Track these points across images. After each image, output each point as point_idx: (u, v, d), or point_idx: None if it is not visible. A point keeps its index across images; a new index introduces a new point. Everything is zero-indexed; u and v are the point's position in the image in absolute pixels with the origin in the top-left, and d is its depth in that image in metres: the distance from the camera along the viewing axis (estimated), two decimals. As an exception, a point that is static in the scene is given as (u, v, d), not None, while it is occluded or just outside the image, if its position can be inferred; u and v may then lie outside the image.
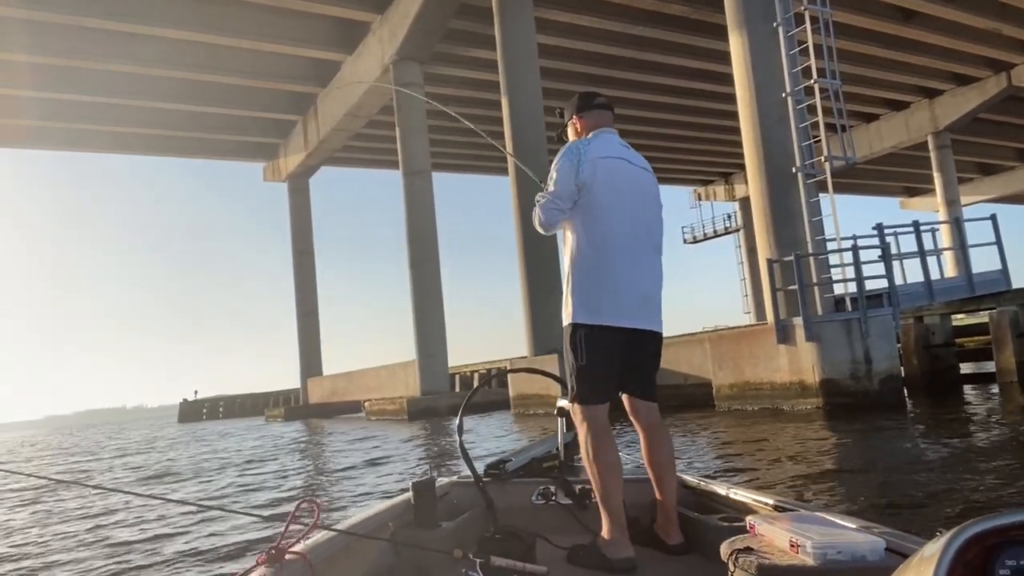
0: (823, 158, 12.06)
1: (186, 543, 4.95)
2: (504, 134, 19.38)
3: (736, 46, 13.15)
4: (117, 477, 10.92)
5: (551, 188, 2.40)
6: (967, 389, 12.99)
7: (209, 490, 7.97)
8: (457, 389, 29.85)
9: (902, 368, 12.20)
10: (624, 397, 2.46)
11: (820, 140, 12.12)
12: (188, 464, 12.07)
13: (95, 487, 4.51)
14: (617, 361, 2.36)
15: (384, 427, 18.64)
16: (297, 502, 1.72)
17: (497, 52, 19.72)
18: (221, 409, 50.85)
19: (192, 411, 51.08)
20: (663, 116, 31.72)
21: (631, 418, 2.47)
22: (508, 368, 19.30)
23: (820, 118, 12.07)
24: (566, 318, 2.40)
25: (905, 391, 11.60)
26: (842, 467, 6.51)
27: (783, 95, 12.24)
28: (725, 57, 14.61)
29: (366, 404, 25.31)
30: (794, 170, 12.17)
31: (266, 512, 5.96)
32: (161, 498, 6.73)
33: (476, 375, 30.35)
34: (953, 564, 0.66)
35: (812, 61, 12.03)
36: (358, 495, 6.84)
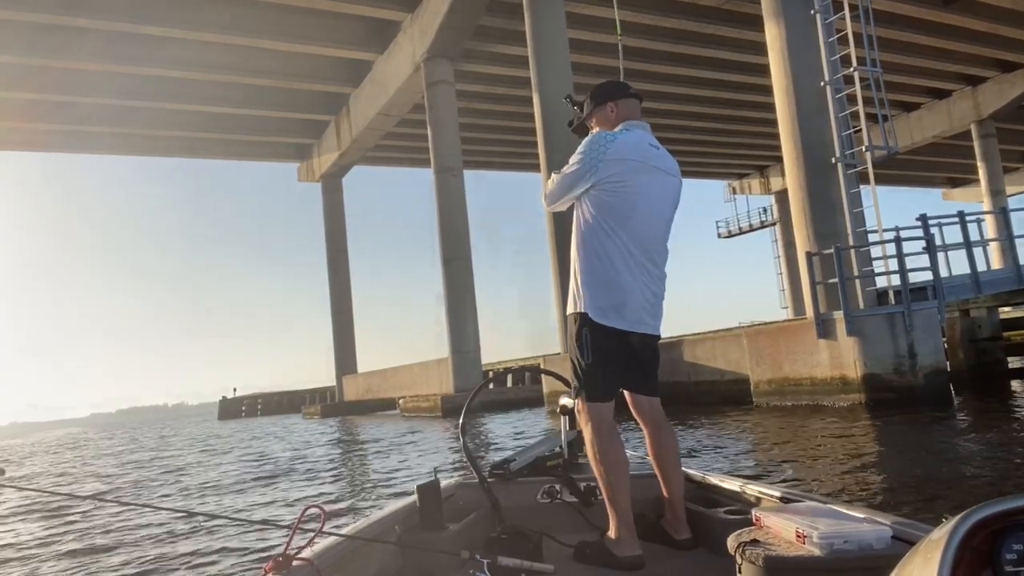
0: (863, 148, 11.74)
1: (192, 552, 4.90)
2: (536, 130, 19.29)
3: (772, 35, 12.89)
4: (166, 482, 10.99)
5: (567, 171, 2.39)
6: (1015, 384, 12.60)
7: (220, 492, 7.91)
8: (491, 386, 29.81)
9: (947, 363, 11.87)
10: (627, 394, 2.45)
11: (860, 130, 11.81)
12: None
13: (97, 499, 4.25)
14: (622, 360, 2.37)
15: (421, 424, 18.67)
16: (303, 508, 1.77)
17: (528, 48, 19.60)
18: (259, 407, 51.40)
19: (231, 409, 51.69)
20: (697, 109, 31.33)
21: (634, 414, 2.47)
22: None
23: (860, 107, 11.73)
24: (571, 307, 2.39)
25: (951, 386, 11.26)
26: (886, 465, 6.32)
27: (821, 84, 11.95)
28: (760, 48, 14.36)
29: (400, 401, 25.42)
30: (833, 160, 11.88)
31: (273, 518, 5.96)
32: (167, 508, 6.70)
33: (510, 372, 30.24)
34: (960, 549, 0.66)
35: (851, 49, 11.71)
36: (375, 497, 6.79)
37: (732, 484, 2.44)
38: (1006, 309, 14.38)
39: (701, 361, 14.58)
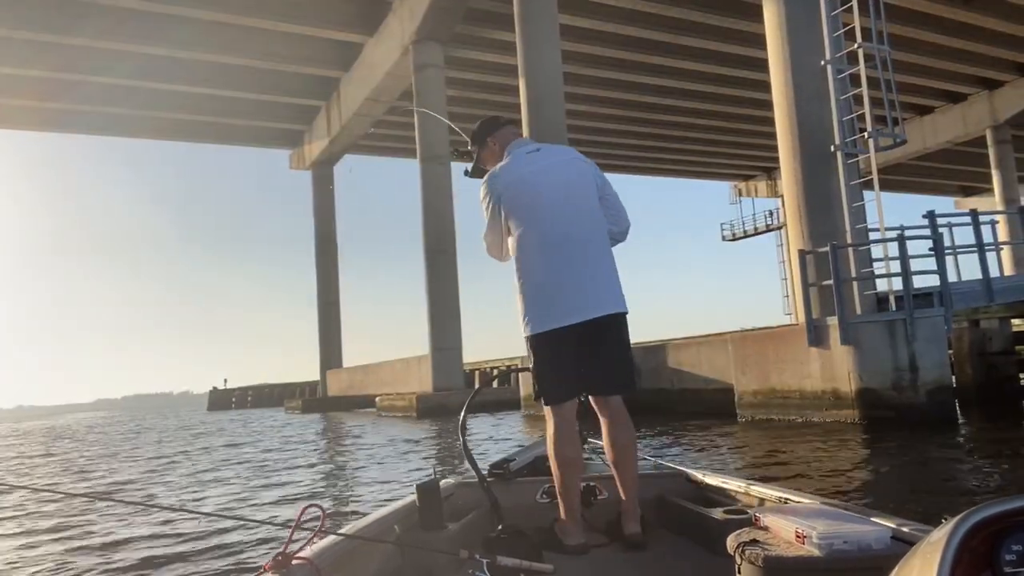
0: (866, 134, 10.54)
1: (190, 551, 4.82)
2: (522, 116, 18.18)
3: (770, 10, 11.73)
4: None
5: (486, 225, 2.58)
6: (1028, 404, 11.44)
7: (219, 491, 7.75)
8: (476, 386, 28.81)
9: (953, 378, 10.69)
10: (591, 398, 2.50)
11: (864, 114, 10.60)
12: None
13: (91, 496, 3.99)
14: (574, 359, 2.40)
15: (384, 426, 17.67)
16: (302, 507, 1.70)
17: (516, 32, 18.48)
18: (250, 398, 51.33)
19: (222, 400, 51.78)
20: (701, 106, 30.24)
21: (597, 412, 2.50)
22: (513, 367, 18.14)
23: (864, 89, 10.50)
24: (522, 332, 2.49)
25: (956, 405, 10.08)
26: (876, 500, 5.23)
27: (822, 63, 10.76)
28: (765, 42, 13.13)
29: (377, 399, 24.38)
30: (833, 148, 10.70)
31: (271, 517, 5.85)
32: (165, 507, 6.69)
33: (496, 371, 29.25)
34: (959, 550, 0.66)
35: (856, 23, 10.48)
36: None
37: (732, 484, 2.47)
38: (1016, 321, 13.16)
39: (685, 367, 13.48)
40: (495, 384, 24.72)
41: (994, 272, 11.31)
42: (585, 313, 2.36)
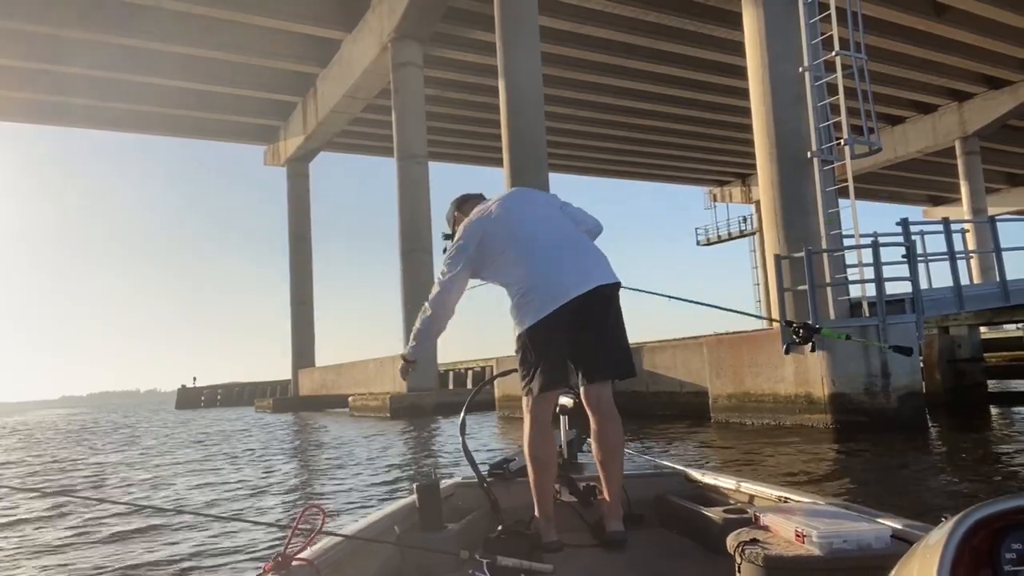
0: (843, 141, 10.65)
1: (189, 552, 4.81)
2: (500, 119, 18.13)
3: (749, 16, 11.80)
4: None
5: (443, 269, 2.61)
6: (994, 410, 11.63)
7: (217, 493, 7.64)
8: (451, 387, 28.71)
9: (923, 384, 10.85)
10: (582, 391, 2.49)
11: (840, 122, 10.71)
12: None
13: (90, 499, 3.85)
14: (568, 343, 2.41)
15: (352, 426, 17.51)
16: (302, 508, 1.23)
17: (496, 33, 18.43)
18: (219, 397, 50.69)
19: (190, 398, 51.09)
20: (677, 111, 30.39)
21: (584, 403, 2.50)
22: (509, 369, 18.05)
23: (841, 97, 10.62)
24: (515, 333, 2.48)
25: (926, 411, 10.21)
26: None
27: (800, 70, 10.84)
28: (743, 49, 13.24)
29: (350, 399, 24.17)
30: (809, 155, 10.79)
31: (271, 518, 5.87)
32: (162, 508, 6.58)
33: (470, 372, 29.18)
34: (959, 549, 0.67)
35: (835, 31, 10.57)
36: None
37: (731, 483, 2.47)
38: (984, 329, 13.40)
39: (660, 370, 13.51)
40: (468, 384, 24.70)
41: (963, 280, 11.50)
42: (579, 287, 2.37)
